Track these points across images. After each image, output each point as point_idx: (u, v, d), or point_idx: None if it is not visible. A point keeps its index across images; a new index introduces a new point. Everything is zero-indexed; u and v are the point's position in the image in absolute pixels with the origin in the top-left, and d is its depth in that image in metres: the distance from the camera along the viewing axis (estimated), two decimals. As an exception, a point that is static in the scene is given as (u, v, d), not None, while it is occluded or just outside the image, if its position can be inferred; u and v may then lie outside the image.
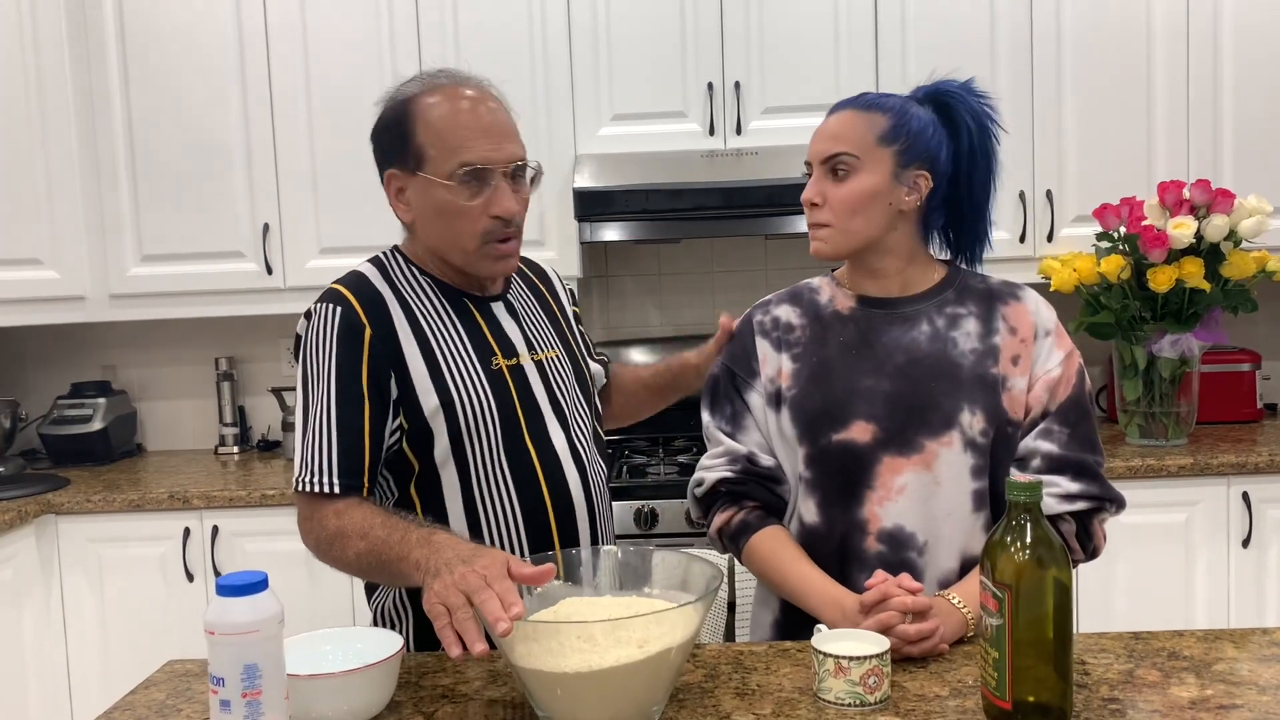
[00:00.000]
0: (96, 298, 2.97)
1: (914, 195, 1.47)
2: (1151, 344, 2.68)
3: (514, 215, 1.46)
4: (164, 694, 1.31)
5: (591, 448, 1.59)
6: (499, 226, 1.45)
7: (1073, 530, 1.43)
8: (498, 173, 1.44)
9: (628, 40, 2.88)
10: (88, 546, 2.67)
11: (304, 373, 1.46)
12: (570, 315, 1.72)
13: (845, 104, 1.50)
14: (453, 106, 1.44)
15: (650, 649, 1.09)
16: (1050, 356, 1.48)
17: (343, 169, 2.89)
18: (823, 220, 1.47)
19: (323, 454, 1.40)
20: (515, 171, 1.46)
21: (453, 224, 1.45)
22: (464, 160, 1.42)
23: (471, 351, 1.49)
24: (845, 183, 1.45)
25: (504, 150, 1.44)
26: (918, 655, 1.30)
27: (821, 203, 1.47)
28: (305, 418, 1.44)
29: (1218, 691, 1.19)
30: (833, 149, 1.46)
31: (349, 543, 1.34)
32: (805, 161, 1.51)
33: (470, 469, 1.47)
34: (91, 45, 2.91)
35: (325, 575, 2.65)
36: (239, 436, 3.24)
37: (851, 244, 1.47)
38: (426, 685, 1.30)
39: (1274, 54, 2.83)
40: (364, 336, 1.44)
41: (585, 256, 3.03)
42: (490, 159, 1.43)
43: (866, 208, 1.45)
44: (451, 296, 1.53)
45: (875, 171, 1.45)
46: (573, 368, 1.62)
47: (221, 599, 1.03)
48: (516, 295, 1.61)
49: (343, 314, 1.44)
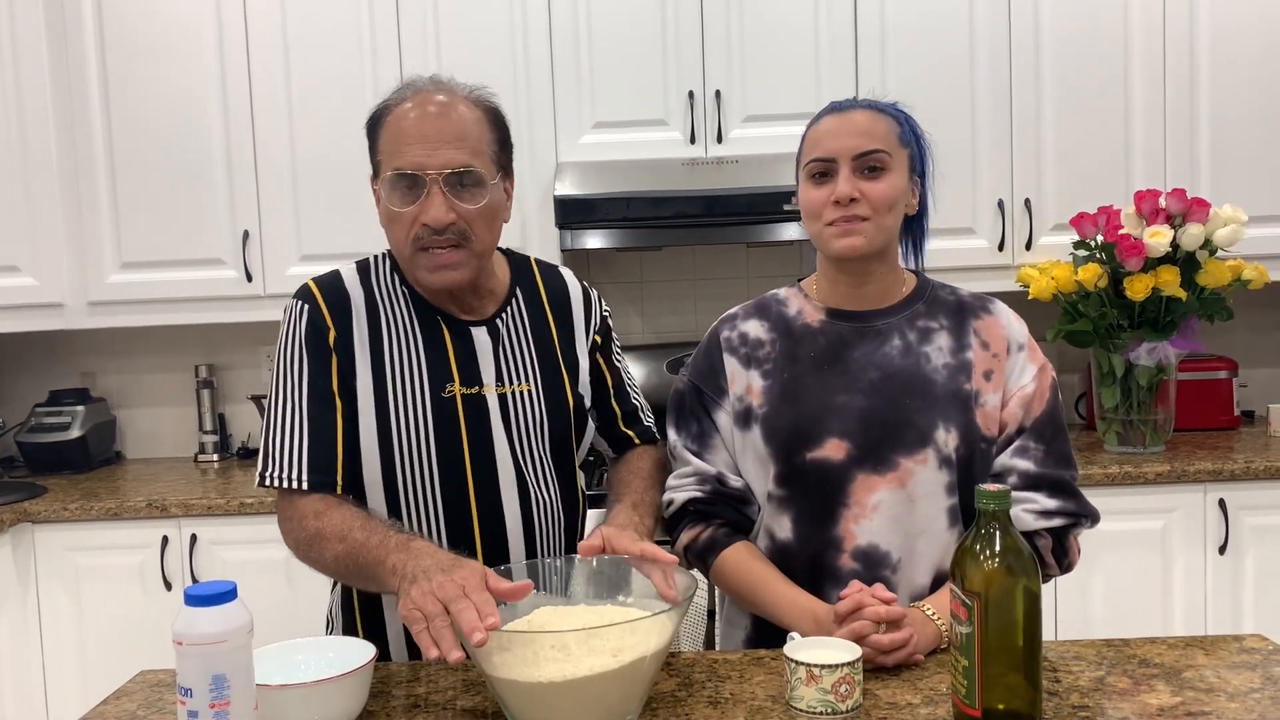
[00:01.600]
0: (75, 305, 2.95)
1: (914, 200, 1.49)
2: (1129, 352, 2.70)
3: (439, 224, 1.39)
4: (135, 704, 1.30)
5: (548, 489, 1.52)
6: (427, 234, 1.40)
7: (1049, 546, 1.44)
8: (430, 179, 1.39)
9: (609, 48, 2.89)
10: (65, 555, 2.66)
11: (276, 369, 1.47)
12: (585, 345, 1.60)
13: (858, 104, 1.47)
14: (407, 114, 1.42)
15: (625, 658, 1.09)
16: (1024, 371, 1.48)
17: (323, 176, 2.89)
18: (863, 214, 1.42)
19: (292, 450, 1.40)
20: (458, 179, 1.40)
21: (391, 230, 1.44)
22: (395, 165, 1.41)
23: (425, 375, 1.46)
24: (881, 179, 1.43)
25: (438, 156, 1.39)
26: (891, 665, 1.30)
27: (860, 197, 1.42)
28: (275, 413, 1.44)
29: (1188, 698, 1.19)
30: (870, 145, 1.42)
31: (327, 545, 1.34)
32: (817, 159, 1.44)
33: (400, 495, 1.46)
34: (71, 52, 2.90)
35: (304, 583, 2.64)
36: (219, 444, 3.22)
37: (882, 241, 1.45)
38: (399, 695, 1.30)
39: (1249, 67, 2.86)
40: (329, 338, 1.45)
41: (567, 264, 3.01)
42: (420, 165, 1.39)
43: (896, 207, 1.45)
44: (425, 313, 1.50)
45: (900, 171, 1.45)
46: (550, 404, 1.53)
47: (189, 609, 1.03)
48: (509, 320, 1.54)
49: (309, 313, 1.46)
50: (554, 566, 1.35)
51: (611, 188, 2.78)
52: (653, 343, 3.26)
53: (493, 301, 1.54)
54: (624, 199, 2.76)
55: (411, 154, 1.39)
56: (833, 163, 1.43)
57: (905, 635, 1.30)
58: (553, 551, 1.53)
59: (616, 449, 1.68)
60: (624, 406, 1.66)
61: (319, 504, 1.38)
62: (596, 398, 1.63)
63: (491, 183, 1.44)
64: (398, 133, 1.41)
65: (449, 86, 1.46)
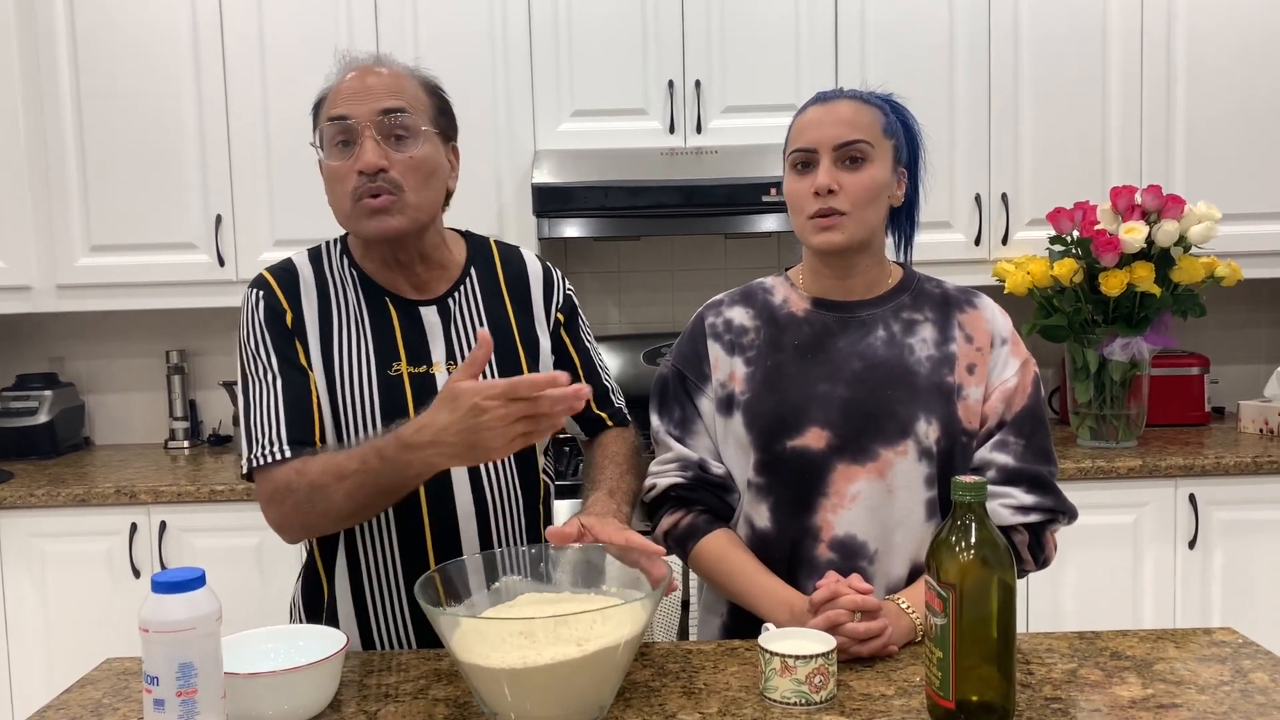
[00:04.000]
0: (43, 288, 2.91)
1: (900, 191, 1.48)
2: (1103, 347, 2.72)
3: (371, 167, 1.39)
4: (101, 692, 1.28)
5: (500, 469, 1.50)
6: (363, 183, 1.41)
7: (1026, 541, 1.44)
8: (362, 129, 1.40)
9: (588, 35, 2.87)
10: (30, 542, 2.62)
11: (242, 357, 1.47)
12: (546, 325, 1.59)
13: (841, 94, 1.46)
14: (344, 80, 1.44)
15: (588, 648, 1.09)
16: (1006, 366, 1.48)
17: (298, 160, 2.85)
18: (840, 208, 1.41)
19: (271, 428, 1.40)
20: (390, 128, 1.41)
21: (333, 190, 1.45)
22: (329, 116, 1.42)
23: (371, 355, 1.46)
24: (861, 170, 1.42)
25: (368, 105, 1.41)
26: (866, 655, 1.30)
27: (839, 189, 1.42)
28: (248, 398, 1.44)
29: (1159, 691, 1.20)
30: (851, 135, 1.41)
31: (332, 487, 1.32)
32: (799, 149, 1.44)
33: None
34: (41, 30, 2.84)
35: (274, 572, 2.61)
36: (189, 431, 3.19)
37: (862, 234, 1.44)
38: (370, 684, 1.28)
39: (1224, 67, 2.88)
40: (286, 319, 1.47)
41: (544, 253, 3.01)
42: (352, 113, 1.41)
43: (878, 199, 1.44)
44: (373, 293, 1.50)
45: (883, 163, 1.44)
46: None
47: (157, 595, 1.01)
48: (461, 299, 1.53)
49: (265, 299, 1.48)
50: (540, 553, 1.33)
51: (590, 176, 2.76)
52: (630, 333, 3.25)
53: (445, 279, 1.54)
54: (602, 188, 2.75)
55: (345, 105, 1.42)
56: (814, 153, 1.43)
57: (881, 625, 1.30)
58: (510, 535, 1.52)
59: (589, 431, 1.66)
60: (595, 387, 1.63)
61: (296, 464, 1.36)
62: None
63: (425, 130, 1.45)
64: (334, 95, 1.44)
65: (388, 60, 1.48)
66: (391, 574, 1.48)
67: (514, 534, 1.53)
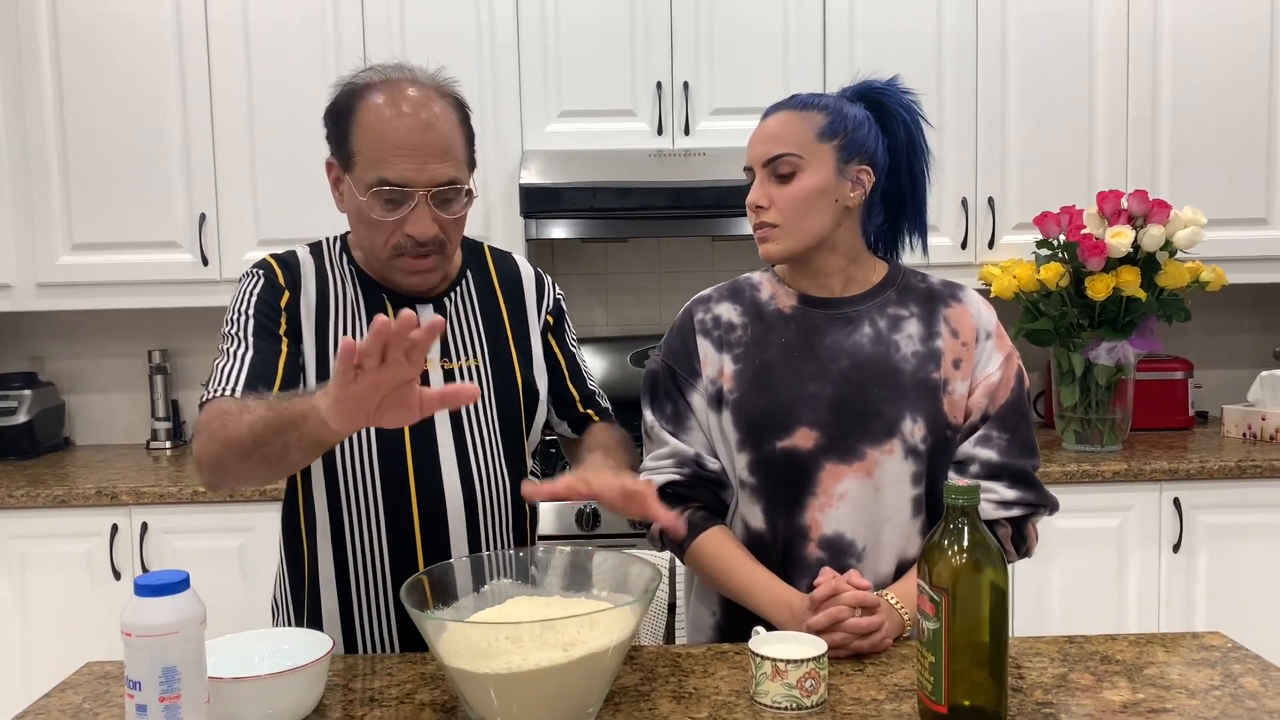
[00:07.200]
0: (23, 286, 2.87)
1: (858, 190, 1.47)
2: (1088, 351, 2.72)
3: (426, 237, 1.40)
4: (81, 697, 1.26)
5: (491, 466, 1.51)
6: (411, 245, 1.41)
7: (1008, 534, 1.45)
8: (417, 194, 1.38)
9: (577, 36, 2.86)
10: (9, 543, 2.58)
11: (227, 320, 1.48)
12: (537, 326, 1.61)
13: (779, 106, 1.49)
14: (389, 114, 1.38)
15: (574, 653, 1.08)
16: (991, 360, 1.48)
17: (283, 159, 2.83)
18: (771, 221, 1.45)
19: (232, 374, 1.40)
20: (442, 193, 1.40)
21: (369, 232, 1.43)
22: (382, 177, 1.37)
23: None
24: (791, 183, 1.44)
25: (427, 172, 1.38)
26: (867, 649, 1.31)
27: (768, 205, 1.45)
28: (222, 350, 1.45)
29: (1149, 695, 1.20)
30: (774, 150, 1.44)
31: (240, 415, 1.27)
32: (745, 167, 1.49)
33: (338, 466, 1.46)
34: (22, 24, 2.81)
35: (258, 574, 2.59)
36: (171, 431, 3.15)
37: (803, 243, 1.46)
38: (356, 688, 1.27)
39: (1210, 72, 2.90)
40: (283, 299, 1.48)
41: (531, 254, 3.00)
42: (410, 180, 1.37)
43: (815, 206, 1.44)
44: (371, 290, 1.51)
45: (819, 169, 1.44)
46: (498, 381, 1.53)
47: (139, 599, 0.99)
48: (457, 299, 1.55)
49: (265, 276, 1.49)
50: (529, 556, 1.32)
51: (577, 177, 2.75)
52: (617, 335, 3.24)
53: (443, 281, 1.55)
54: (590, 189, 2.74)
55: (400, 166, 1.37)
56: (751, 170, 1.49)
57: (879, 619, 1.32)
58: (499, 531, 1.52)
59: (576, 430, 1.66)
60: (581, 390, 1.65)
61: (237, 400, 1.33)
62: (551, 381, 1.62)
63: (468, 189, 1.45)
64: (381, 139, 1.38)
65: (417, 77, 1.43)
66: (380, 576, 1.47)
67: (503, 537, 1.53)
